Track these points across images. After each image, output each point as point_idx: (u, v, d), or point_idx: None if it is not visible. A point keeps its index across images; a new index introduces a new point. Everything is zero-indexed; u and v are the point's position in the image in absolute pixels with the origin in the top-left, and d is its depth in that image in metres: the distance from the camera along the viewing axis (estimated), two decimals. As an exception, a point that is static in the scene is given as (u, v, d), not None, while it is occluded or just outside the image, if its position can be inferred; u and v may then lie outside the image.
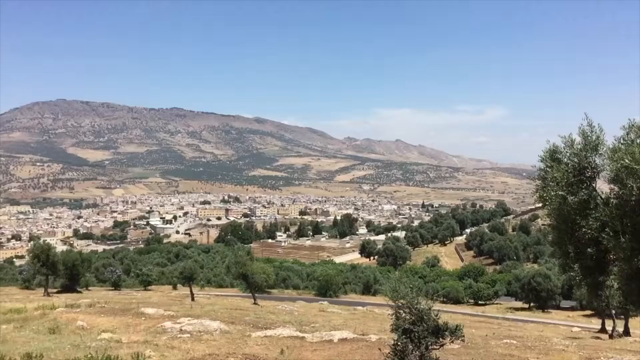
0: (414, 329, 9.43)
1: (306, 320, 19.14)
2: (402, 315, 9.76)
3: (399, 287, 9.98)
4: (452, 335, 9.61)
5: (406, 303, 9.71)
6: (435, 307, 9.92)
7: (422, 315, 9.51)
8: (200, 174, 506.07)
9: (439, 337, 9.55)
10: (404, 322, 9.62)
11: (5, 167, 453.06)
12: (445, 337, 9.60)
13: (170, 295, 37.81)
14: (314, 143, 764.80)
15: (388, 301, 10.41)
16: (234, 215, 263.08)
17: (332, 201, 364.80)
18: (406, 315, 9.69)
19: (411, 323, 9.52)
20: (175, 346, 12.77)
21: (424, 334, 9.41)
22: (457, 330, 9.61)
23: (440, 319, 9.69)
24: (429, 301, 9.87)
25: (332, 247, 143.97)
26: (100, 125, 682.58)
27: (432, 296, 43.80)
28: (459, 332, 9.62)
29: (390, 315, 10.15)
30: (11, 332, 14.36)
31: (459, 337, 9.67)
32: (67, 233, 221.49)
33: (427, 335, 9.40)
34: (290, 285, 51.88)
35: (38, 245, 38.33)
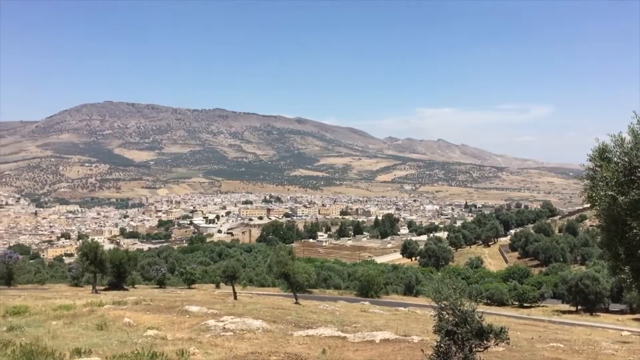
0: (457, 331, 9.31)
1: (347, 320, 19.11)
2: (445, 317, 9.64)
3: (441, 288, 9.87)
4: (496, 338, 9.44)
5: (449, 304, 9.59)
6: (479, 309, 9.76)
7: (465, 316, 9.38)
8: (242, 174, 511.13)
9: (483, 339, 9.40)
10: (447, 323, 9.50)
11: (55, 167, 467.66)
12: (489, 339, 9.45)
13: (213, 293, 38.29)
14: (355, 143, 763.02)
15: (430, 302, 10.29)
16: (275, 215, 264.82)
17: (373, 201, 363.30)
18: (449, 317, 9.57)
19: (454, 325, 9.40)
20: (218, 344, 12.93)
21: (467, 336, 9.28)
22: (502, 332, 9.44)
23: (484, 320, 9.53)
24: (472, 303, 9.73)
25: (373, 247, 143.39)
26: (146, 126, 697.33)
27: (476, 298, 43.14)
28: (504, 334, 9.44)
29: (433, 317, 10.04)
30: (61, 328, 14.79)
31: (503, 340, 9.50)
32: (113, 232, 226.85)
33: (471, 337, 9.26)
34: (332, 285, 51.87)
35: (86, 243, 39.27)
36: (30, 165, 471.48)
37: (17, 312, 19.06)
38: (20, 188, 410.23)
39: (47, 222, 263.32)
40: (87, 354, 10.18)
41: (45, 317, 17.54)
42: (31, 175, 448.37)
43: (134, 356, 10.14)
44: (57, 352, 10.19)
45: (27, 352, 9.85)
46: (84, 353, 10.27)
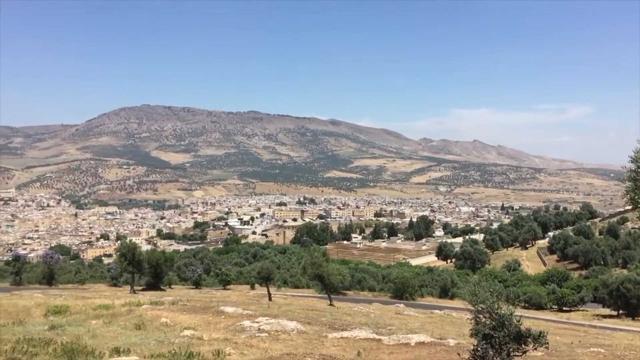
0: (494, 335, 9.17)
1: (382, 323, 19.01)
2: (482, 320, 9.52)
3: (478, 291, 9.75)
4: (535, 342, 9.28)
5: (486, 307, 9.47)
6: (516, 313, 9.61)
7: (503, 320, 9.24)
8: (277, 176, 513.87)
9: (521, 343, 9.24)
10: (484, 327, 9.38)
11: (95, 169, 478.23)
12: (527, 343, 9.28)
13: (248, 294, 38.55)
14: (389, 144, 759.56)
15: (467, 305, 10.17)
16: (309, 216, 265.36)
17: (408, 203, 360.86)
18: (486, 320, 9.45)
19: (492, 328, 9.26)
20: (253, 345, 13.01)
21: (505, 340, 9.13)
22: (541, 336, 9.27)
23: (522, 324, 9.38)
24: (510, 306, 9.58)
25: (407, 249, 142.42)
26: (182, 129, 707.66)
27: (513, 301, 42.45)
28: (543, 338, 9.27)
29: (470, 320, 9.91)
30: (100, 327, 15.10)
31: (542, 344, 9.33)
32: (151, 233, 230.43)
33: (509, 342, 9.12)
34: (366, 287, 51.66)
35: (125, 244, 39.95)
36: (70, 168, 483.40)
37: (58, 312, 19.54)
38: (61, 190, 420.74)
39: (86, 223, 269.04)
40: (125, 353, 10.36)
41: (85, 316, 17.93)
42: (71, 177, 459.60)
43: (171, 356, 10.28)
44: (97, 350, 10.39)
45: (68, 350, 10.07)
46: (123, 352, 10.45)
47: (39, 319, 18.34)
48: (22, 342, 10.94)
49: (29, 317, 19.25)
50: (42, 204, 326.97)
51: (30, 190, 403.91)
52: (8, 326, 14.97)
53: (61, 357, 9.63)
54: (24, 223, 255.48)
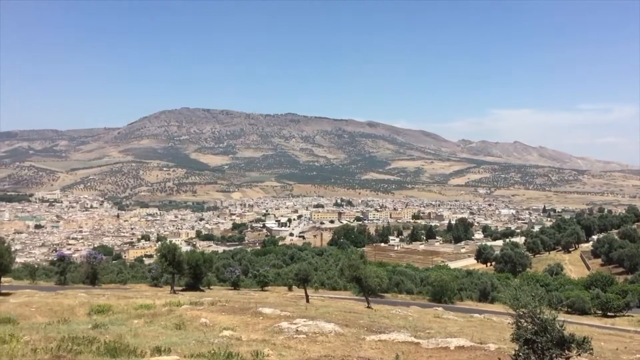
0: (536, 340, 8.99)
1: (421, 326, 18.84)
2: (523, 325, 9.34)
3: (519, 295, 9.58)
4: (579, 348, 9.06)
5: (528, 312, 9.29)
6: (559, 318, 9.40)
7: (545, 325, 9.05)
8: (314, 178, 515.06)
9: (565, 349, 9.04)
10: (525, 331, 9.20)
11: (136, 172, 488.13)
12: (571, 349, 9.07)
13: (286, 296, 38.70)
14: (427, 146, 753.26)
15: (508, 309, 10.01)
16: (346, 218, 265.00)
17: (446, 205, 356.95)
18: (528, 325, 9.27)
19: (534, 333, 9.08)
20: (291, 346, 13.05)
21: (547, 345, 8.94)
22: (585, 342, 9.05)
23: (565, 329, 9.17)
24: (552, 311, 9.40)
25: (446, 252, 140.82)
26: (220, 131, 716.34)
27: (556, 306, 41.59)
28: (587, 344, 9.05)
29: (511, 324, 9.75)
30: (142, 326, 15.38)
31: (586, 350, 9.10)
32: (190, 234, 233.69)
33: (552, 347, 8.93)
34: (404, 289, 51.28)
35: (165, 245, 40.53)
36: (113, 170, 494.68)
37: (101, 311, 20.01)
38: (103, 192, 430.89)
39: (128, 224, 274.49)
40: (166, 353, 10.51)
41: (127, 315, 18.30)
42: (114, 179, 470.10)
43: (211, 356, 10.39)
44: (139, 349, 10.58)
45: (111, 349, 10.29)
46: (164, 351, 10.61)
47: (83, 318, 18.82)
48: (67, 340, 11.22)
49: (74, 315, 19.77)
50: (85, 206, 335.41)
51: (75, 191, 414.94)
52: (53, 324, 15.39)
53: (104, 356, 9.83)
54: (68, 224, 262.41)
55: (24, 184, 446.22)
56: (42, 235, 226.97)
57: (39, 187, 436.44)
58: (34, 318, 19.28)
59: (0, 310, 20.22)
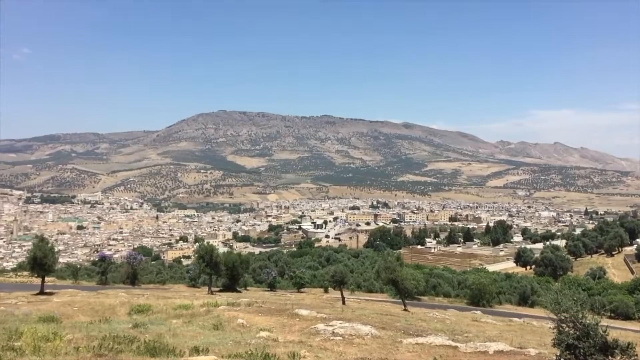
0: (579, 345, 8.79)
1: (459, 330, 18.62)
2: (565, 330, 9.15)
3: (561, 299, 9.39)
4: (622, 354, 8.82)
5: (569, 317, 9.10)
6: (602, 323, 9.18)
7: (588, 330, 8.84)
8: (350, 180, 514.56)
9: (608, 355, 8.81)
10: (567, 336, 9.00)
11: (174, 174, 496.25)
12: (615, 355, 8.84)
13: (322, 298, 38.73)
14: (464, 147, 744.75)
15: (548, 314, 9.82)
16: (382, 220, 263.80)
17: (484, 207, 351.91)
18: (570, 330, 9.07)
19: (576, 338, 8.88)
20: (328, 348, 13.05)
21: (590, 351, 8.73)
22: (629, 348, 8.80)
23: (608, 335, 8.94)
24: (595, 316, 9.17)
25: (484, 254, 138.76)
26: (256, 134, 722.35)
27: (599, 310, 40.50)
28: (631, 350, 8.80)
29: (552, 329, 9.56)
30: (180, 326, 15.61)
31: (630, 357, 8.85)
32: (227, 235, 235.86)
33: (594, 352, 8.71)
34: (441, 292, 50.78)
35: (203, 246, 41.07)
36: (152, 172, 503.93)
37: (141, 310, 20.39)
38: (143, 193, 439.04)
39: (167, 225, 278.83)
40: (204, 353, 10.63)
41: (166, 315, 18.60)
42: (153, 181, 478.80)
43: (248, 356, 10.46)
44: (178, 349, 10.73)
45: (151, 348, 10.46)
46: (202, 351, 10.73)
47: (123, 317, 19.20)
48: (108, 339, 11.47)
49: (114, 315, 20.19)
50: (125, 207, 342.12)
51: (115, 193, 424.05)
52: (95, 323, 15.75)
53: (144, 355, 10.00)
54: (109, 225, 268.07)
55: (67, 186, 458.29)
56: (84, 236, 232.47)
57: (81, 189, 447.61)
58: (77, 317, 19.77)
59: (44, 309, 20.81)
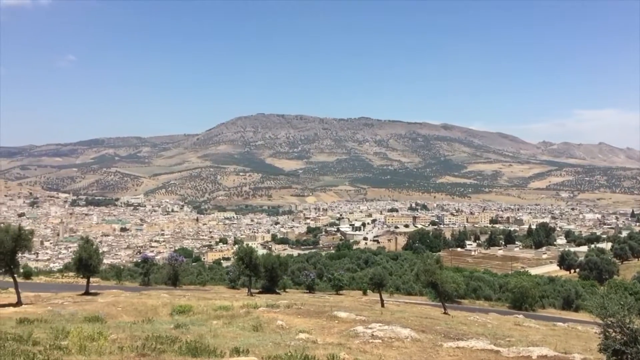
0: (626, 351, 8.54)
1: (500, 334, 18.31)
2: (611, 335, 8.90)
3: (607, 304, 9.14)
4: (674, 361, 8.52)
5: (616, 321, 8.84)
6: (652, 328, 8.88)
7: (635, 335, 8.58)
8: (388, 182, 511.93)
9: (658, 362, 8.52)
10: (614, 342, 8.76)
11: (214, 176, 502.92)
12: (665, 362, 8.54)
13: (361, 300, 38.64)
14: (505, 148, 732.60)
15: (594, 318, 9.58)
16: (421, 222, 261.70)
17: (526, 209, 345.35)
18: (616, 335, 8.82)
19: (623, 344, 8.63)
20: (367, 350, 13.00)
21: (638, 357, 8.47)
22: (681, 356, 8.49)
23: (658, 341, 8.65)
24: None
25: (526, 257, 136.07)
26: (294, 136, 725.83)
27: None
28: (683, 358, 8.49)
29: (598, 334, 9.32)
30: (221, 327, 15.79)
31: (682, 364, 8.54)
32: (266, 237, 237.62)
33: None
34: (481, 296, 50.04)
35: (242, 248, 41.48)
36: (192, 175, 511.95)
37: (183, 311, 20.72)
38: (183, 196, 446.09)
39: (207, 227, 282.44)
40: (245, 354, 10.73)
41: (207, 316, 18.85)
42: (193, 184, 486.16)
43: (288, 358, 10.51)
44: (218, 350, 10.87)
45: (192, 348, 10.62)
46: (242, 352, 10.84)
47: (165, 318, 19.54)
48: (151, 339, 11.70)
49: (157, 315, 20.57)
50: (167, 209, 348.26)
51: (157, 196, 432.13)
52: (138, 324, 16.08)
53: (186, 355, 10.16)
54: (151, 227, 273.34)
55: (110, 189, 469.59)
56: (127, 238, 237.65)
57: (124, 191, 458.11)
58: (120, 317, 20.22)
59: (89, 309, 21.35)
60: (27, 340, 10.99)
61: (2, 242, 24.72)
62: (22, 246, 25.66)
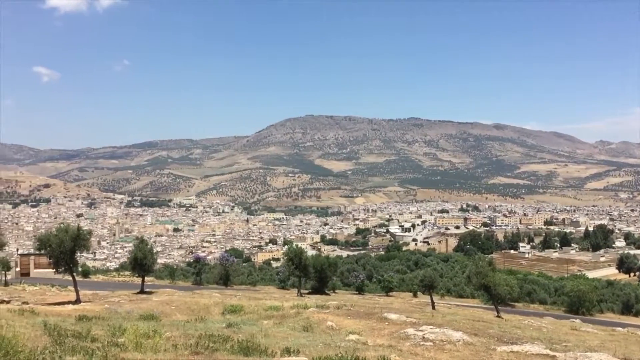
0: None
1: (556, 338, 17.76)
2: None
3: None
4: None
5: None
6: None
7: None
8: (438, 183, 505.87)
9: None
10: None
11: (263, 178, 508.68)
12: None
13: (411, 302, 38.27)
14: (560, 148, 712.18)
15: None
16: (472, 224, 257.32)
17: (582, 210, 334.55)
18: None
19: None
20: (418, 353, 12.82)
21: None
22: None
23: None
24: None
25: (583, 260, 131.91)
26: (343, 137, 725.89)
27: None
28: None
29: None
30: (271, 327, 15.89)
31: None
32: (315, 238, 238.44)
33: None
34: (536, 299, 48.82)
35: (292, 249, 41.74)
36: (242, 177, 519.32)
37: (234, 311, 20.99)
38: (234, 197, 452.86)
39: (256, 228, 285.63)
40: (295, 354, 10.76)
41: (258, 316, 19.02)
42: (243, 185, 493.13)
43: (338, 359, 10.47)
44: (269, 349, 10.93)
45: (244, 347, 10.72)
46: (293, 352, 10.86)
47: (217, 317, 19.84)
48: (204, 337, 11.89)
49: (209, 314, 20.92)
50: (218, 210, 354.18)
51: (208, 197, 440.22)
52: (191, 322, 16.38)
53: (238, 354, 10.26)
54: (202, 228, 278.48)
55: (163, 190, 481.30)
56: (180, 238, 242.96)
57: (177, 193, 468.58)
58: (174, 316, 20.66)
59: (144, 307, 21.91)
60: (86, 337, 11.34)
61: (62, 242, 25.67)
62: (81, 246, 26.59)
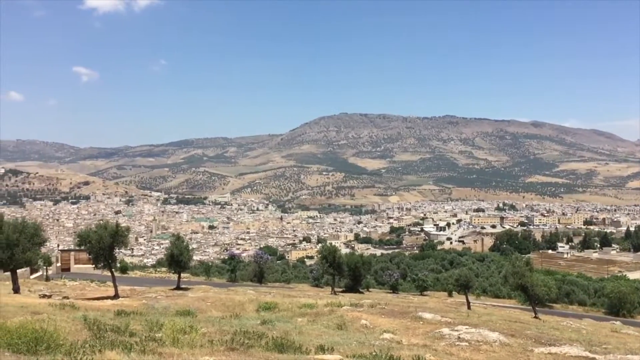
0: None
1: (596, 340, 17.37)
2: None
3: None
4: None
5: None
6: None
7: None
8: (473, 181, 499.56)
9: None
10: None
11: (297, 176, 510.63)
12: None
13: (446, 301, 37.92)
14: (600, 146, 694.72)
15: None
16: (509, 223, 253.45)
17: (624, 210, 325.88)
18: None
19: None
20: (453, 353, 12.70)
21: None
22: None
23: None
24: None
25: (624, 261, 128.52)
26: (377, 135, 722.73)
27: None
28: None
29: None
30: (305, 325, 15.94)
31: None
32: (348, 237, 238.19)
33: None
34: (575, 300, 47.81)
35: (326, 247, 41.86)
36: (276, 175, 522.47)
37: (268, 308, 21.13)
38: (268, 195, 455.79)
39: (290, 226, 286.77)
40: (329, 351, 10.77)
41: (292, 313, 19.10)
42: (277, 183, 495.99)
43: (373, 357, 10.45)
44: (304, 347, 10.97)
45: (278, 344, 10.79)
46: (327, 350, 10.88)
47: (252, 314, 20.01)
48: (239, 334, 12.01)
49: (244, 311, 21.12)
50: (252, 208, 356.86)
51: (242, 195, 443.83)
52: (226, 319, 16.55)
53: (272, 351, 10.33)
54: (237, 225, 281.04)
55: (199, 188, 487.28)
56: (215, 235, 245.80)
57: (212, 190, 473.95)
58: (209, 312, 20.91)
59: (180, 303, 22.26)
60: (125, 332, 11.59)
61: (101, 238, 26.29)
62: (119, 242, 27.19)
